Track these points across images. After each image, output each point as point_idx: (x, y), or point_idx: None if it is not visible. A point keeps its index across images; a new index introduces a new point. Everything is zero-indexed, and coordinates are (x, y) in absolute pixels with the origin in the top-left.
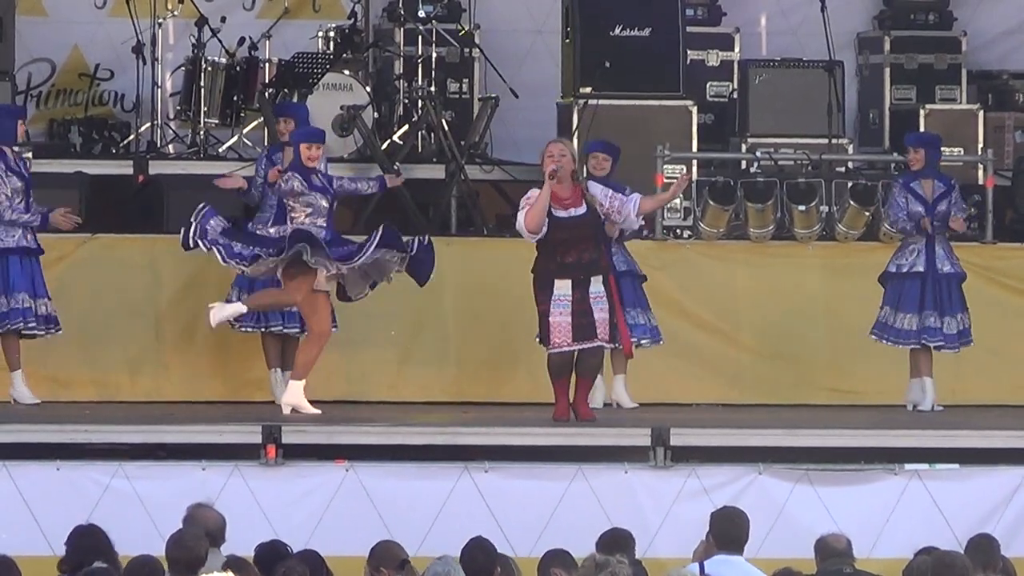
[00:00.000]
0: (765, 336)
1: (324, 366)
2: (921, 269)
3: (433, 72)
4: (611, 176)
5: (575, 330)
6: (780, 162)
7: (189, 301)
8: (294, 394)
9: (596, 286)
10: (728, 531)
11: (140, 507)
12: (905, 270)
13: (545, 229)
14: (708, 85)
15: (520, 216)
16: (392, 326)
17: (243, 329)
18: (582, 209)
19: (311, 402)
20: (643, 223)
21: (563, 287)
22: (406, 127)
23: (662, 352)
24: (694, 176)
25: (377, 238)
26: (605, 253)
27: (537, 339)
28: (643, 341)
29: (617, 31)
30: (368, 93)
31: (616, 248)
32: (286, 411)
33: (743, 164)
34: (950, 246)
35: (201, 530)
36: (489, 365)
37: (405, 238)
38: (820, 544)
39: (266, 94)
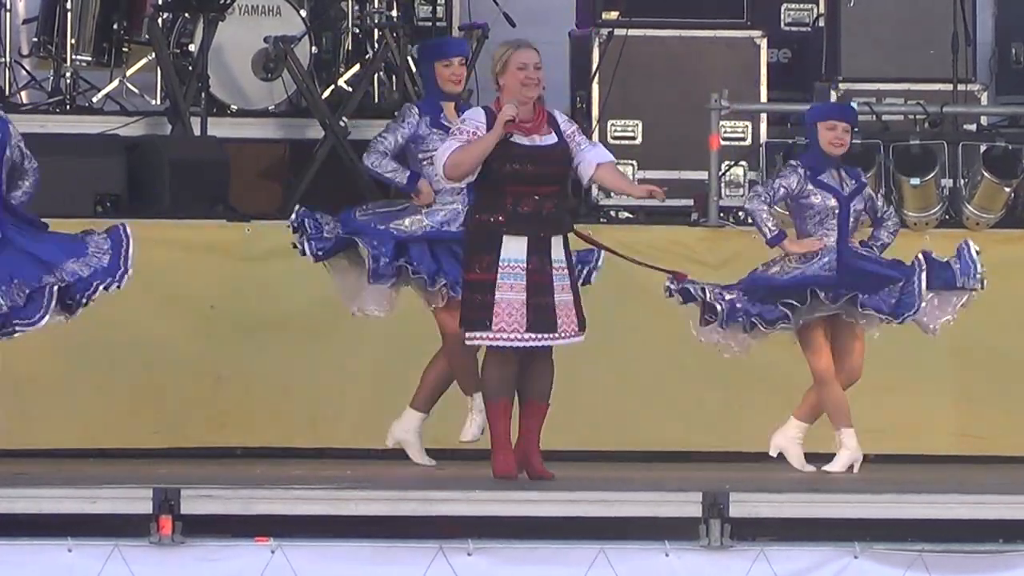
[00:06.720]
0: (864, 361)
1: (267, 407)
2: None
3: None
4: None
5: (531, 314)
6: (884, 117)
7: None
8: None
9: (558, 252)
10: None
11: None
12: None
13: (474, 175)
14: (783, 9)
15: (442, 153)
16: (355, 355)
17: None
18: (552, 138)
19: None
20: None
21: (515, 248)
22: (357, 67)
23: (718, 382)
24: (763, 137)
25: None
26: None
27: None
28: None
29: None
30: (303, 19)
31: None
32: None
33: None
34: None
35: None
36: None
37: None
38: None
39: (159, 20)
